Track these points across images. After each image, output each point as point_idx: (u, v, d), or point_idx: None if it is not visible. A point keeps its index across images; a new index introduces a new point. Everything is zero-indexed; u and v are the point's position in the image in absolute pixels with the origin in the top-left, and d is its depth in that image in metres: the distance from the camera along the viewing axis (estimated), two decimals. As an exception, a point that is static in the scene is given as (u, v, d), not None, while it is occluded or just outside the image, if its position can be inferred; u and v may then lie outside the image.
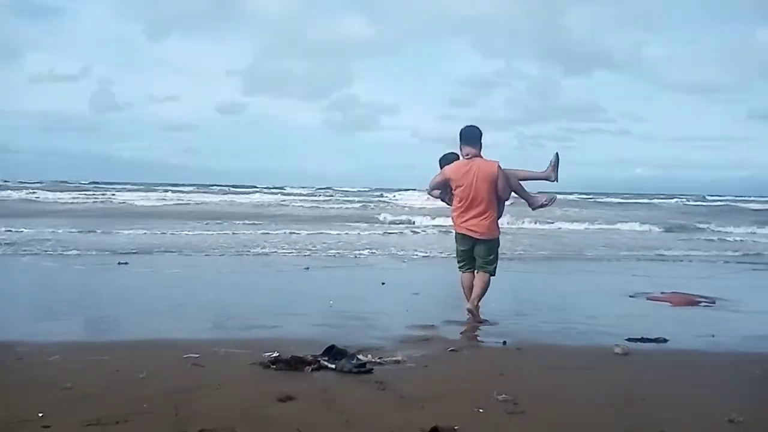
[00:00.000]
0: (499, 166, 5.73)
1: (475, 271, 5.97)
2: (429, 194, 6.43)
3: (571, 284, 9.56)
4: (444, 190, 6.03)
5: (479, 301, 5.93)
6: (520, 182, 5.85)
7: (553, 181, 5.86)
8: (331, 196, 39.18)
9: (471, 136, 5.84)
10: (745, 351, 5.23)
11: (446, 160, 6.04)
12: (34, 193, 31.18)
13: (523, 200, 6.03)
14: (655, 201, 41.24)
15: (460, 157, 5.90)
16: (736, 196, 49.13)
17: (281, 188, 49.97)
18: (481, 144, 5.85)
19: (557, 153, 5.83)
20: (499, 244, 5.99)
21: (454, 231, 6.12)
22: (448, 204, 6.15)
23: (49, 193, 31.29)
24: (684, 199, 44.10)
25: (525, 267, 11.05)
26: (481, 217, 5.75)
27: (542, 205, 6.06)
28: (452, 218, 6.03)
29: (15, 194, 29.77)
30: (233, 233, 15.89)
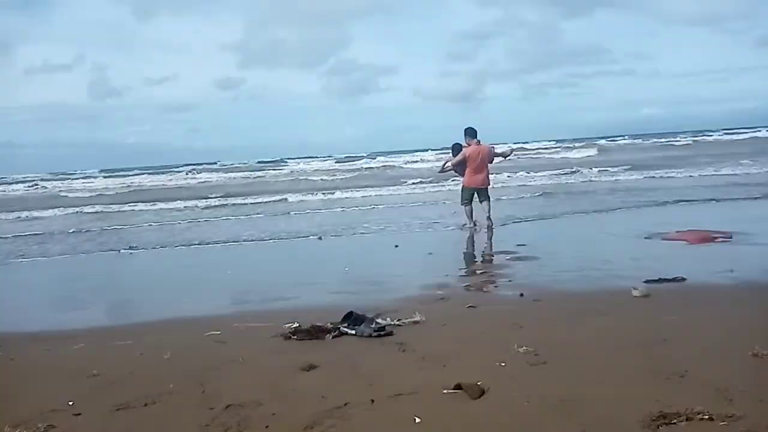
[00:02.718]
0: (492, 147, 10.35)
1: (479, 203, 9.96)
2: (441, 170, 10.84)
3: (585, 230, 9.50)
4: (461, 165, 10.03)
5: (490, 212, 9.88)
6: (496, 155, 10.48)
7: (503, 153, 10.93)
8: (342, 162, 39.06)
9: (473, 132, 10.03)
10: (765, 282, 5.18)
11: (457, 146, 10.13)
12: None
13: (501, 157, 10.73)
14: (663, 140, 40.65)
15: (463, 145, 10.05)
16: (748, 128, 48.14)
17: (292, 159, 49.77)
18: (477, 135, 10.03)
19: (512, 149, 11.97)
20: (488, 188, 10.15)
21: (462, 186, 10.15)
22: (457, 173, 10.41)
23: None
24: (688, 136, 43.35)
25: (537, 214, 10.98)
26: (482, 175, 10.00)
27: (510, 153, 11.33)
28: (466, 178, 10.01)
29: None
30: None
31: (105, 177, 37.01)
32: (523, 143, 48.36)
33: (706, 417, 2.66)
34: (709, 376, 3.13)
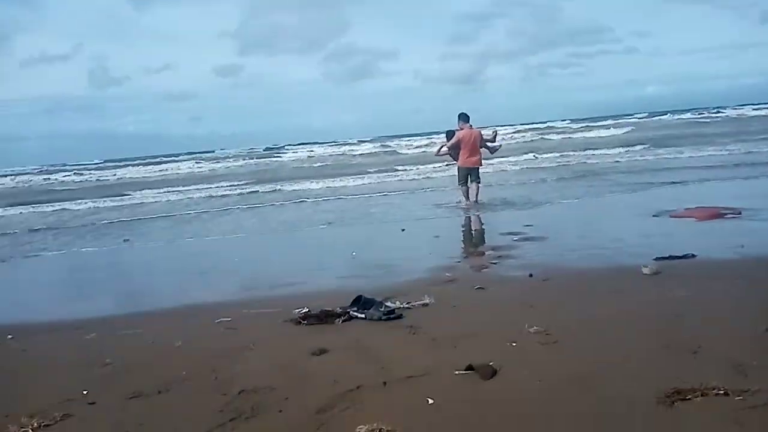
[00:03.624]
0: (480, 132, 10.94)
1: (470, 184, 10.72)
2: (437, 153, 11.85)
3: (593, 209, 9.45)
4: (455, 148, 10.79)
5: (477, 196, 10.66)
6: (485, 142, 11.03)
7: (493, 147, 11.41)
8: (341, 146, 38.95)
9: (465, 117, 10.80)
10: (776, 258, 5.14)
11: (450, 133, 11.00)
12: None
13: (488, 150, 11.19)
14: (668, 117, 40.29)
15: (456, 131, 10.83)
16: (754, 105, 47.57)
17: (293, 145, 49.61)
18: (469, 120, 10.79)
19: (495, 132, 11.93)
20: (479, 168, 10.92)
21: (458, 166, 10.88)
22: (451, 156, 11.13)
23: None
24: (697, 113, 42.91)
25: (544, 199, 10.93)
26: (476, 157, 10.74)
27: (494, 149, 11.46)
28: (460, 160, 10.76)
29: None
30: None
31: (109, 168, 36.97)
32: (529, 124, 48.15)
33: (722, 392, 2.65)
34: (723, 352, 3.12)
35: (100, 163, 47.63)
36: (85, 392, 3.36)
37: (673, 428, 2.45)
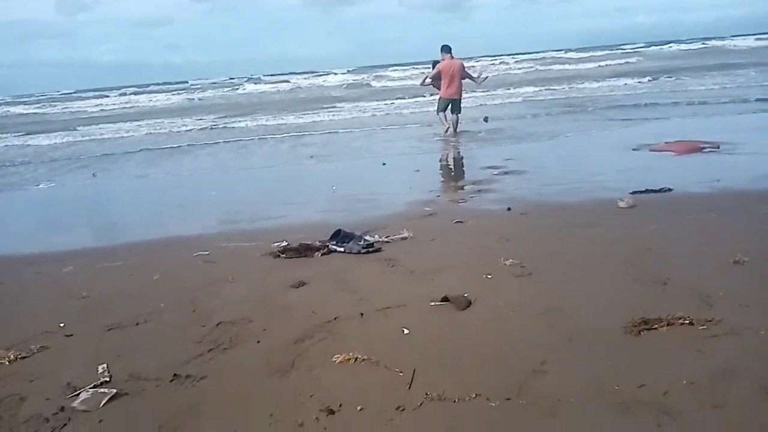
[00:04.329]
0: (462, 63, 10.93)
1: (451, 114, 11.01)
2: (422, 83, 11.90)
3: (573, 143, 9.45)
4: (437, 78, 10.95)
5: (457, 127, 11.05)
6: (468, 73, 11.14)
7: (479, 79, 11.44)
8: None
9: (447, 49, 10.81)
10: (751, 190, 5.22)
11: (435, 63, 10.96)
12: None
13: (472, 80, 11.30)
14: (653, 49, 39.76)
15: (440, 60, 10.91)
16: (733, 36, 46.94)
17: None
18: (451, 51, 10.78)
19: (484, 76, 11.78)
20: (461, 99, 11.19)
21: (439, 96, 11.05)
22: (435, 87, 11.22)
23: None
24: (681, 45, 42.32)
25: (527, 130, 10.88)
26: (455, 88, 10.84)
27: (482, 80, 11.58)
28: (441, 90, 10.93)
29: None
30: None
31: (82, 99, 35.78)
32: (514, 54, 47.25)
33: (687, 321, 2.74)
34: (691, 283, 3.20)
35: (72, 93, 46.11)
36: (62, 324, 3.37)
37: (639, 356, 2.54)
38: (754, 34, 43.07)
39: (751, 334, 2.62)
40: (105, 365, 2.81)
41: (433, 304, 3.22)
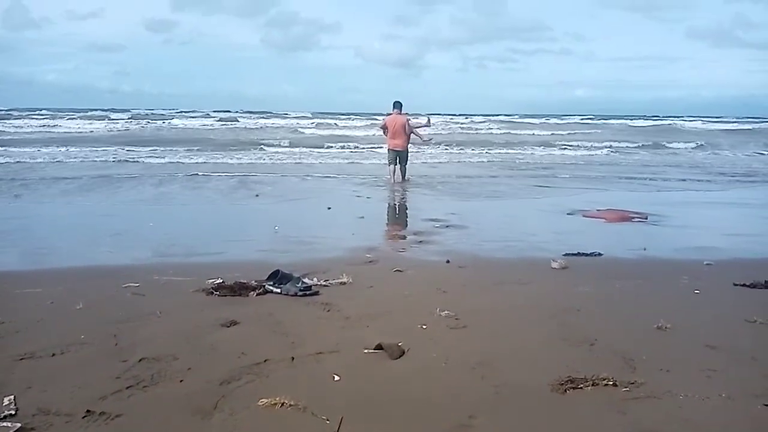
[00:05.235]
0: (407, 119, 11.67)
1: (398, 167, 11.61)
2: (380, 128, 12.38)
3: (512, 205, 9.76)
4: (384, 130, 11.81)
5: (403, 178, 11.62)
6: (414, 129, 11.82)
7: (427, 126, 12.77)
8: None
9: (397, 105, 11.54)
10: (674, 260, 5.51)
11: (396, 104, 11.53)
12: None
13: (418, 137, 12.19)
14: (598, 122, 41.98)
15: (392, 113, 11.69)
16: (673, 117, 50.38)
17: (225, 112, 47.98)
18: (401, 107, 11.55)
19: (429, 119, 13.41)
20: (408, 153, 11.84)
21: (387, 147, 11.75)
22: (384, 135, 11.85)
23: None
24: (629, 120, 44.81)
25: (469, 191, 11.18)
26: (399, 140, 11.48)
27: (428, 139, 13.39)
28: (387, 142, 11.69)
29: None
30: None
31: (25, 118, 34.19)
32: (464, 115, 48.86)
33: (611, 383, 2.82)
34: (617, 346, 3.31)
35: (8, 110, 44.15)
36: (-32, 351, 3.14)
37: (564, 414, 2.58)
38: (701, 117, 46.46)
39: (670, 398, 2.72)
40: (12, 397, 2.62)
41: (366, 351, 3.20)
